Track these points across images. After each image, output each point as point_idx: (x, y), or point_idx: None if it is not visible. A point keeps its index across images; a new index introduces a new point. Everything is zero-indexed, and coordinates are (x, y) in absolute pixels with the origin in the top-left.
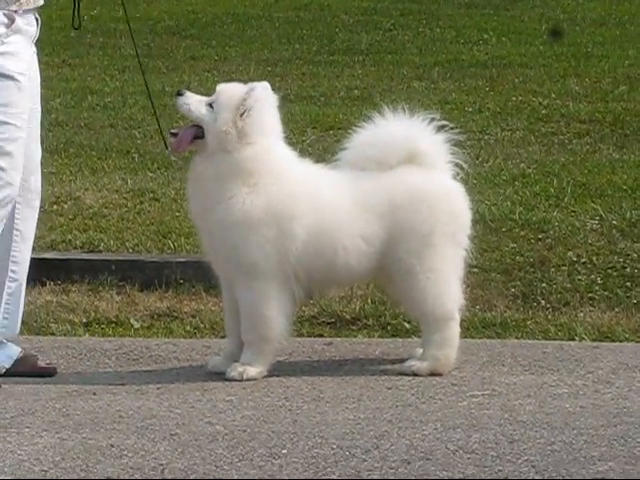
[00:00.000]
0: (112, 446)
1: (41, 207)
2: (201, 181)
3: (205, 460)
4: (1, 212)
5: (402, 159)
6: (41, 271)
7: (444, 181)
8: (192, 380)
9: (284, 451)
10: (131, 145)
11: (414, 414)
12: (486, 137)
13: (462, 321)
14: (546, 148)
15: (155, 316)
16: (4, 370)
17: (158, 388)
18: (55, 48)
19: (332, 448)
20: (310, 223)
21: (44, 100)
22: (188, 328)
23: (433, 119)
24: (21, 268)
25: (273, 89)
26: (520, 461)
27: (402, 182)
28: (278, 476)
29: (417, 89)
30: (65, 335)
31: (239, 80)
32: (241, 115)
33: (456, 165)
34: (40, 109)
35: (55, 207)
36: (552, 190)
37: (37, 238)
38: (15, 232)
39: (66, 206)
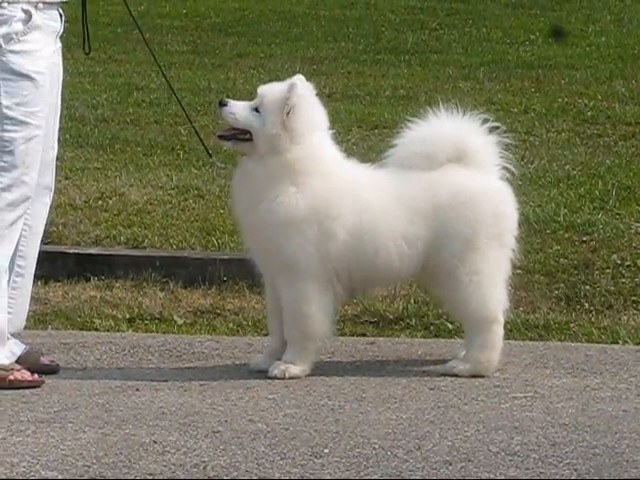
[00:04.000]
0: (155, 442)
1: (86, 202)
2: (249, 181)
3: (247, 458)
4: (18, 210)
5: (451, 157)
6: (85, 267)
7: (491, 182)
8: (235, 378)
9: (326, 450)
10: (176, 142)
11: (456, 415)
12: (531, 138)
13: (505, 323)
14: (591, 150)
15: (198, 313)
16: None
17: (201, 385)
18: (102, 44)
19: (374, 448)
20: (351, 223)
21: (90, 95)
22: (231, 325)
23: (485, 120)
24: (28, 263)
25: (317, 87)
26: (562, 464)
27: (447, 182)
28: (320, 475)
29: (463, 89)
30: (108, 331)
31: (279, 79)
32: (287, 114)
33: (503, 166)
34: (60, 105)
35: (100, 203)
36: (597, 192)
37: (82, 234)
38: (24, 227)
39: (111, 202)
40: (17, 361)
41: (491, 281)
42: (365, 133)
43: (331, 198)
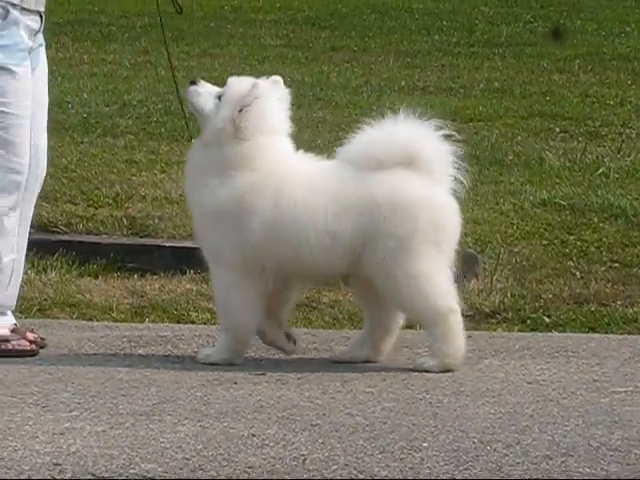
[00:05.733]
0: (253, 435)
1: (182, 196)
2: (192, 167)
3: (346, 451)
4: (11, 197)
5: (400, 162)
6: (181, 260)
7: (433, 190)
8: (332, 371)
9: (425, 444)
10: None
11: (555, 409)
12: (627, 131)
13: (603, 316)
14: None
15: (294, 306)
16: None
17: (298, 378)
18: (196, 38)
19: (473, 442)
20: (269, 216)
21: (184, 89)
22: (327, 319)
23: (442, 126)
24: (19, 245)
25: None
26: None
27: (387, 183)
28: (419, 469)
29: (557, 82)
30: (205, 324)
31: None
32: (239, 112)
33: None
34: (47, 100)
35: None
36: None
37: (177, 227)
38: None
39: None
40: None
41: (430, 278)
42: (460, 126)
43: (250, 191)
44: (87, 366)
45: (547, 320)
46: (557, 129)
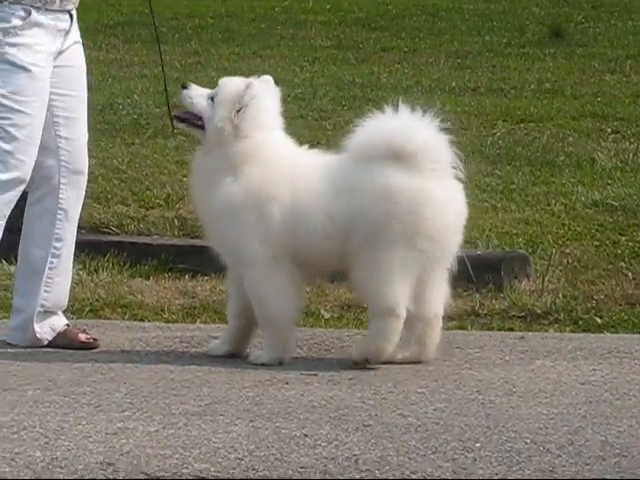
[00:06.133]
0: (306, 436)
1: None
2: (199, 173)
3: (398, 452)
4: (11, 193)
5: (390, 153)
6: None
7: (418, 181)
8: (383, 371)
9: (477, 445)
10: (321, 136)
11: (608, 410)
12: None
13: None
14: None
15: (345, 307)
16: (47, 342)
17: (350, 379)
18: (246, 40)
19: (525, 443)
20: (287, 204)
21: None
22: None
23: (436, 117)
24: (64, 244)
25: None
26: None
27: (374, 172)
28: (472, 469)
29: (609, 82)
30: None
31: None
32: (237, 112)
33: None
34: (86, 96)
35: None
36: None
37: None
38: (59, 211)
39: None
40: (55, 336)
41: (388, 275)
42: (511, 127)
43: (265, 181)
44: (139, 366)
45: (599, 321)
46: (609, 130)
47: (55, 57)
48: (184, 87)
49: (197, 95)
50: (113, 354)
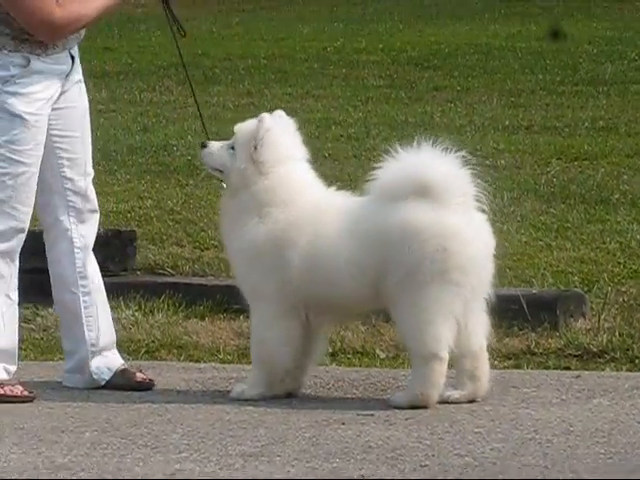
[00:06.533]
0: (363, 476)
1: None
2: (225, 214)
3: None
4: (11, 242)
5: (412, 191)
6: None
7: (443, 216)
8: (440, 411)
9: None
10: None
11: None
12: None
13: None
14: None
15: (400, 347)
16: (104, 382)
17: (406, 419)
18: (299, 80)
19: None
20: (306, 250)
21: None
22: None
23: (451, 149)
24: (90, 280)
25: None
26: None
27: (400, 212)
28: None
29: None
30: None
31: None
32: (255, 148)
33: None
34: (89, 137)
35: None
36: None
37: None
38: (76, 250)
39: None
40: (112, 376)
41: (428, 317)
42: (565, 165)
43: (288, 226)
44: (195, 407)
45: None
46: None
47: (56, 100)
48: (204, 146)
49: (217, 149)
50: (169, 395)
